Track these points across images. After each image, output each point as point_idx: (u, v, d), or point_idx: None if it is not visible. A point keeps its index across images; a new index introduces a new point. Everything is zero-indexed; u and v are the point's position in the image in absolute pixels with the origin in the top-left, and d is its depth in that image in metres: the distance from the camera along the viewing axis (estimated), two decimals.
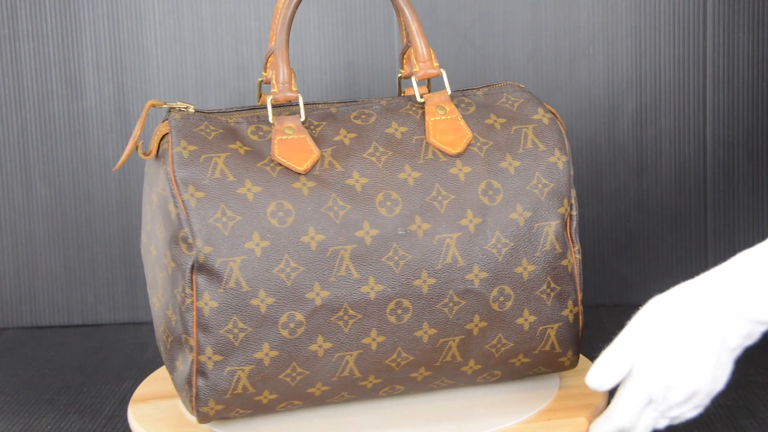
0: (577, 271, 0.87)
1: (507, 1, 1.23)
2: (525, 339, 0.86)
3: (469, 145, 0.85)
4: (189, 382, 0.81)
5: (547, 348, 0.87)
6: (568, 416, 0.85)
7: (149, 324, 1.27)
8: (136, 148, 0.83)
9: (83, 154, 1.25)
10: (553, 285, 0.85)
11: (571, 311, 0.87)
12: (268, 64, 0.87)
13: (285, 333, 0.80)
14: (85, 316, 1.28)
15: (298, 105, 0.85)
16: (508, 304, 0.84)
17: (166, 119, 0.83)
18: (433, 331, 0.83)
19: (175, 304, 0.80)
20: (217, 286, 0.79)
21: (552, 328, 0.86)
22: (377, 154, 0.83)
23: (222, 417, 0.83)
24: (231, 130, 0.82)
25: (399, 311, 0.82)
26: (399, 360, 0.83)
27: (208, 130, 0.82)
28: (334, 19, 1.23)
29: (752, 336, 0.75)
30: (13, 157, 1.25)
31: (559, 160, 0.86)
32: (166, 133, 0.82)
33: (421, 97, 0.87)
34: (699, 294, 0.75)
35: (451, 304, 0.83)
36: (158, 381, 0.97)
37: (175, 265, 0.80)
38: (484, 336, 0.85)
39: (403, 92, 0.94)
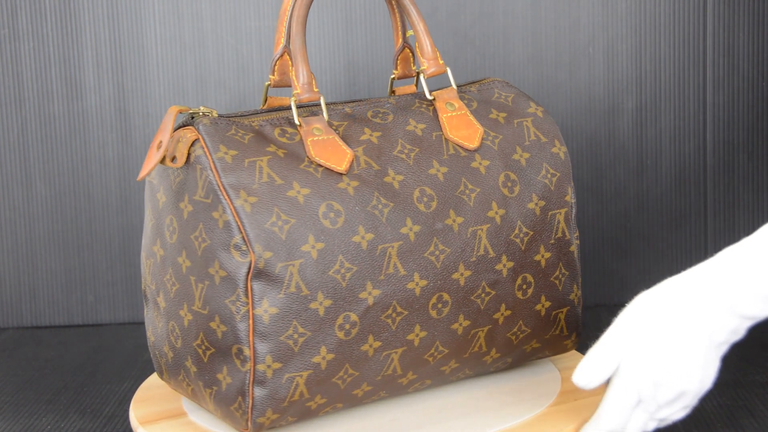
0: (578, 256, 0.91)
1: (507, 1, 1.23)
2: (541, 325, 0.89)
3: (482, 139, 0.87)
4: (242, 393, 0.78)
5: (557, 332, 0.90)
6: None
7: None
8: (163, 158, 0.81)
9: (83, 154, 1.25)
10: (563, 270, 0.89)
11: (576, 295, 0.91)
12: (276, 68, 0.86)
13: (341, 335, 0.79)
14: (85, 316, 1.28)
15: (310, 106, 0.85)
16: (530, 291, 0.87)
17: (188, 125, 0.81)
18: (467, 323, 0.85)
19: (226, 314, 0.78)
20: (276, 291, 0.77)
21: (562, 312, 0.90)
22: (405, 151, 0.84)
23: (273, 427, 0.81)
24: (259, 134, 0.81)
25: (439, 305, 0.83)
26: (436, 354, 0.84)
27: (240, 134, 0.80)
28: (334, 20, 1.23)
29: (738, 331, 0.75)
30: (13, 157, 1.25)
31: (560, 151, 0.90)
32: (196, 139, 0.79)
33: (431, 94, 0.89)
34: (686, 289, 0.75)
35: (483, 295, 0.85)
36: (153, 401, 0.92)
37: (226, 274, 0.77)
38: (508, 324, 0.87)
39: (394, 92, 0.94)
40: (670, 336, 0.74)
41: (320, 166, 0.80)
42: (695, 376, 0.74)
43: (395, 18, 0.91)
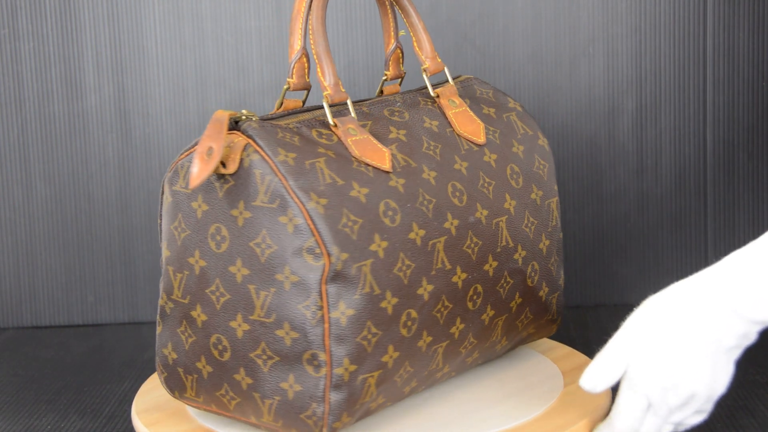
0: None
1: (507, 1, 1.23)
2: (540, 310, 0.91)
3: (485, 134, 0.89)
4: (317, 400, 0.77)
5: (550, 316, 0.93)
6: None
7: (149, 324, 1.27)
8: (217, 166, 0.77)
9: (83, 153, 1.25)
10: (556, 257, 0.92)
11: (562, 279, 0.94)
12: (294, 71, 0.84)
13: (404, 332, 0.79)
14: (85, 316, 1.28)
15: (332, 107, 0.84)
16: (536, 279, 0.90)
17: (232, 129, 0.78)
18: (492, 313, 0.86)
19: (299, 319, 0.76)
20: (352, 293, 0.76)
21: (555, 296, 0.93)
22: (431, 148, 0.85)
23: (342, 430, 0.80)
24: (302, 136, 0.80)
25: (475, 297, 0.84)
26: (468, 345, 0.85)
27: (288, 137, 0.78)
28: (334, 19, 1.23)
29: (749, 336, 0.74)
30: (13, 157, 1.25)
31: (545, 143, 0.93)
32: (246, 144, 0.77)
33: (434, 91, 0.90)
34: (693, 293, 0.75)
35: (505, 285, 0.87)
36: (167, 422, 0.88)
37: (298, 279, 0.76)
38: (518, 312, 0.89)
39: (382, 92, 0.94)
40: (677, 340, 0.74)
41: (368, 165, 0.80)
42: (702, 380, 0.74)
43: (388, 19, 0.92)
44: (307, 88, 0.86)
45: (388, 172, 0.81)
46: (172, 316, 0.83)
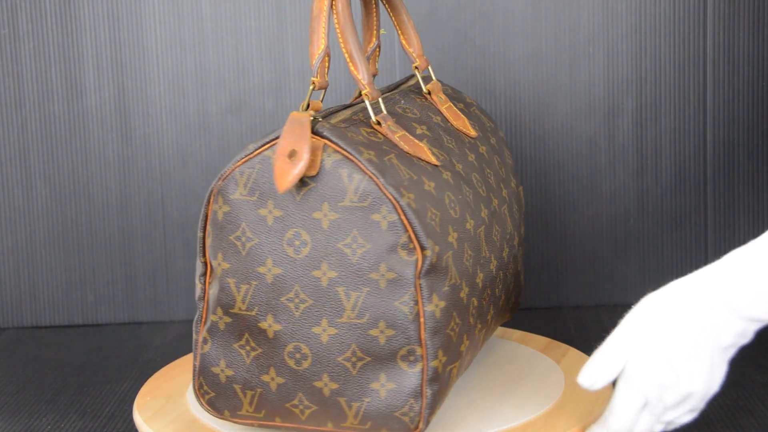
0: None
1: (507, 1, 1.23)
2: (518, 290, 0.94)
3: (471, 127, 0.91)
4: (415, 396, 0.76)
5: (520, 298, 0.96)
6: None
7: (149, 324, 1.27)
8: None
9: (83, 153, 1.25)
10: (524, 241, 0.96)
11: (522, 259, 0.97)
12: (319, 70, 0.80)
13: (471, 320, 0.80)
14: (85, 316, 1.28)
15: (355, 105, 0.84)
16: (520, 263, 0.93)
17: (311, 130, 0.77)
18: (503, 298, 0.88)
19: (397, 316, 0.75)
20: (442, 284, 0.76)
21: (522, 279, 0.96)
22: (449, 141, 0.85)
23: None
24: (360, 134, 0.78)
25: (498, 283, 0.86)
26: (489, 330, 0.87)
27: (355, 136, 0.77)
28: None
29: (745, 334, 0.74)
30: (14, 157, 1.25)
31: (503, 134, 0.96)
32: (324, 145, 0.76)
33: (425, 88, 0.91)
34: (692, 291, 0.75)
35: (510, 269, 0.89)
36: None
37: (395, 276, 0.75)
38: (512, 294, 0.92)
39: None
40: (675, 338, 0.74)
41: (422, 160, 0.80)
42: (701, 378, 0.74)
43: (372, 17, 0.92)
44: (326, 87, 0.84)
45: (437, 166, 0.80)
46: (227, 332, 0.79)
